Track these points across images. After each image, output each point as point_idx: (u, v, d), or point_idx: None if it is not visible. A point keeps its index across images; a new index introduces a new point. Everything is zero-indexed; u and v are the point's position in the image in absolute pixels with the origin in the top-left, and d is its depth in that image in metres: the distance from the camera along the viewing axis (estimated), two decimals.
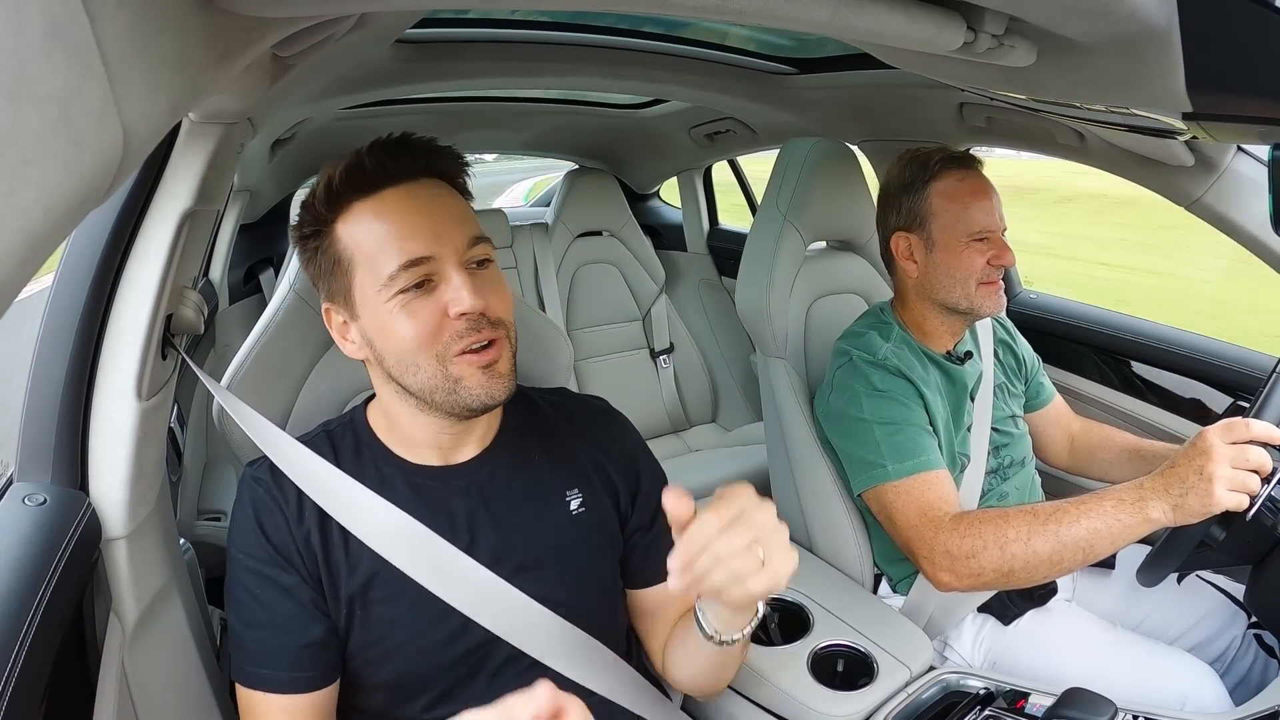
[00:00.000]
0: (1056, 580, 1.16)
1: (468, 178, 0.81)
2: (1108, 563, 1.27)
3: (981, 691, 1.02)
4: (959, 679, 1.06)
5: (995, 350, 1.37)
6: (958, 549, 1.03)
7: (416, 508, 0.78)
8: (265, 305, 0.97)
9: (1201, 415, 1.49)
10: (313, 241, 0.77)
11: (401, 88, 1.43)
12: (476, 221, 0.77)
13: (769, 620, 1.14)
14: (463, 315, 0.72)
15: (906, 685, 1.05)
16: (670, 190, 2.85)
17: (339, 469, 0.79)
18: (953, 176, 1.19)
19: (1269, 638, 1.18)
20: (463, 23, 1.37)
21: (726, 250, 2.65)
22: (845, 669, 1.11)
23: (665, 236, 2.80)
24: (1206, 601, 1.25)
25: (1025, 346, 1.44)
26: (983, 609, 1.24)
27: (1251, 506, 0.89)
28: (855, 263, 1.54)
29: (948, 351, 1.26)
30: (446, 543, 0.78)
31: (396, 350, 0.74)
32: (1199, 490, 0.89)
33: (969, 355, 1.27)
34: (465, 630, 0.78)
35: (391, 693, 0.79)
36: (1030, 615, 1.21)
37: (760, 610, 0.75)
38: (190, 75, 0.42)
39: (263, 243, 2.36)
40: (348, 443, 0.83)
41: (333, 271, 0.76)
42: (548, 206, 2.69)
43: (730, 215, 2.76)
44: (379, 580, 0.77)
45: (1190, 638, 1.23)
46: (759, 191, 1.81)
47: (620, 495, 0.90)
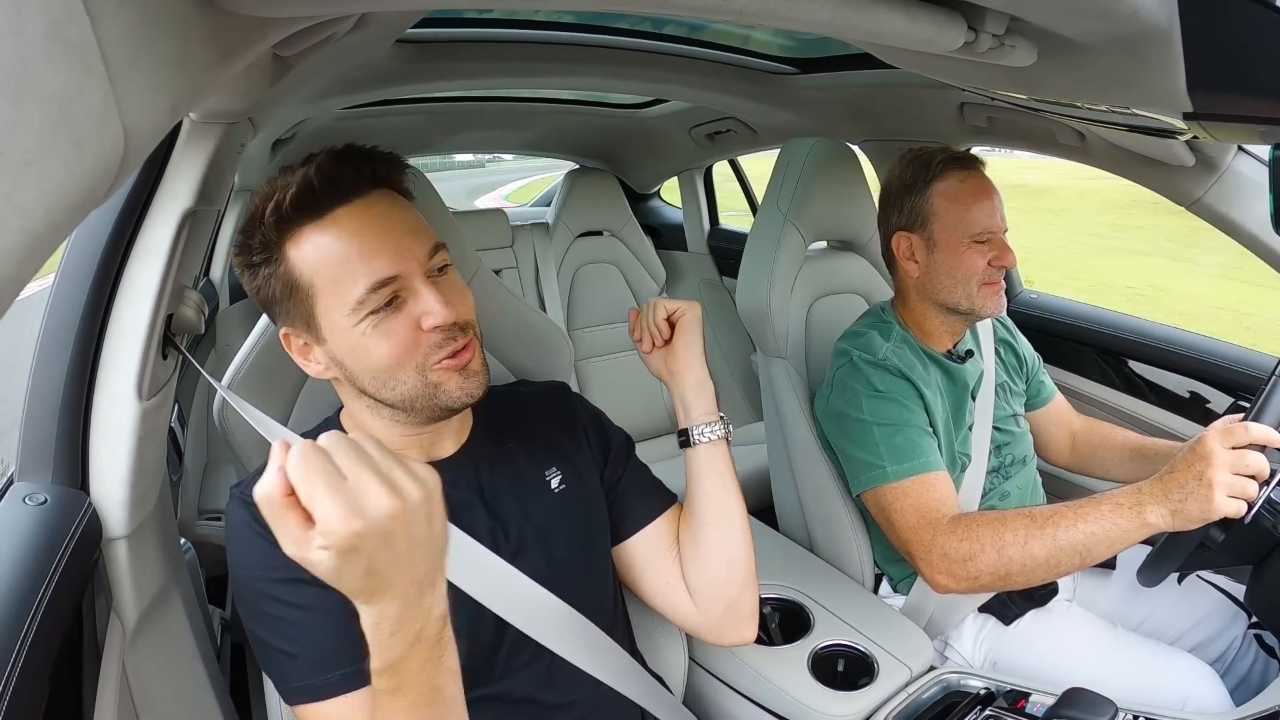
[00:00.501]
0: (1057, 580, 1.16)
1: (412, 179, 0.81)
2: (1108, 563, 1.27)
3: (982, 691, 1.02)
4: (959, 679, 1.06)
5: (996, 349, 1.37)
6: (955, 551, 1.03)
7: None
8: None
9: (1201, 415, 1.49)
10: (263, 268, 0.74)
11: (402, 88, 1.43)
12: (430, 229, 0.77)
13: (769, 620, 1.14)
14: (436, 328, 0.72)
15: (907, 685, 1.05)
16: (671, 190, 2.85)
17: None
18: (955, 177, 1.19)
19: (1269, 638, 1.18)
20: (463, 23, 1.37)
21: (727, 250, 2.65)
22: (846, 669, 1.11)
23: (666, 236, 2.80)
24: (1207, 602, 1.25)
25: (1026, 345, 1.44)
26: (983, 609, 1.24)
27: (1250, 510, 0.89)
28: (856, 262, 1.53)
29: (948, 351, 1.26)
30: (455, 528, 0.78)
31: (373, 369, 0.74)
32: (1198, 496, 0.89)
33: (969, 354, 1.27)
34: (479, 617, 0.78)
35: None
36: (1031, 615, 1.21)
37: (722, 416, 0.89)
38: (191, 75, 0.42)
39: None
40: None
41: (290, 297, 0.73)
42: (548, 206, 2.69)
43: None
44: None
45: (1191, 638, 1.23)
46: (759, 190, 1.81)
47: (595, 456, 0.94)
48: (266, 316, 0.80)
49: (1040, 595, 1.20)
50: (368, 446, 0.52)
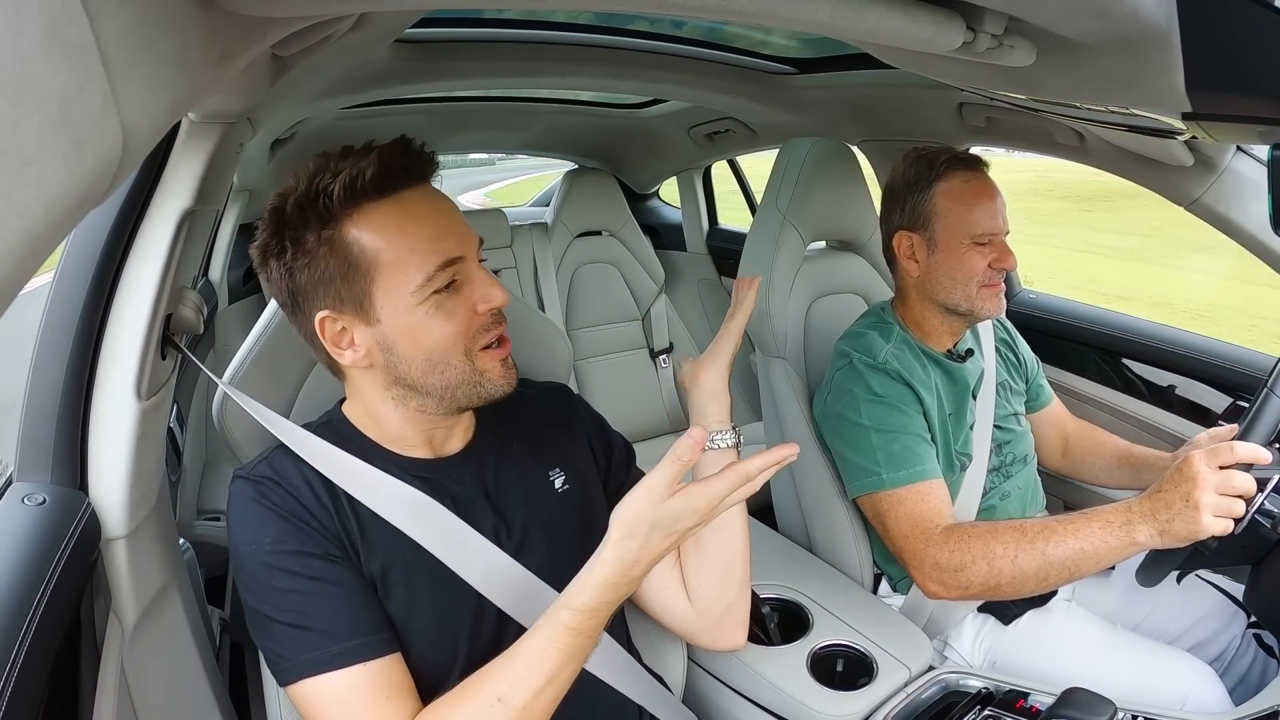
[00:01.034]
0: None
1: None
2: None
3: (981, 691, 1.02)
4: (958, 679, 1.06)
5: (997, 347, 1.37)
6: (946, 562, 1.05)
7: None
8: (265, 305, 0.97)
9: (1201, 415, 1.49)
10: (317, 245, 0.72)
11: (401, 88, 1.43)
12: None
13: (769, 620, 1.14)
14: (489, 310, 0.76)
15: (906, 685, 1.06)
16: (670, 190, 2.85)
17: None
18: (958, 178, 1.18)
19: (1268, 637, 1.18)
20: (462, 22, 1.37)
21: (726, 250, 2.65)
22: (845, 669, 1.11)
23: (665, 236, 2.80)
24: (1206, 601, 1.25)
25: (1025, 348, 1.44)
26: (983, 609, 1.24)
27: (1238, 524, 0.90)
28: (855, 262, 1.54)
29: (948, 350, 1.26)
30: (460, 520, 0.78)
31: (428, 351, 0.74)
32: (1185, 517, 0.90)
33: (970, 353, 1.27)
34: (482, 610, 0.78)
35: (413, 680, 0.78)
36: (1030, 615, 1.21)
37: (735, 427, 0.90)
38: (190, 75, 0.42)
39: None
40: (333, 442, 0.82)
41: (344, 276, 0.72)
42: (547, 206, 2.69)
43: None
44: (396, 564, 0.77)
45: (1190, 637, 1.23)
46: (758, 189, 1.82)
47: (597, 458, 0.95)
48: (285, 308, 0.78)
49: (1040, 595, 1.20)
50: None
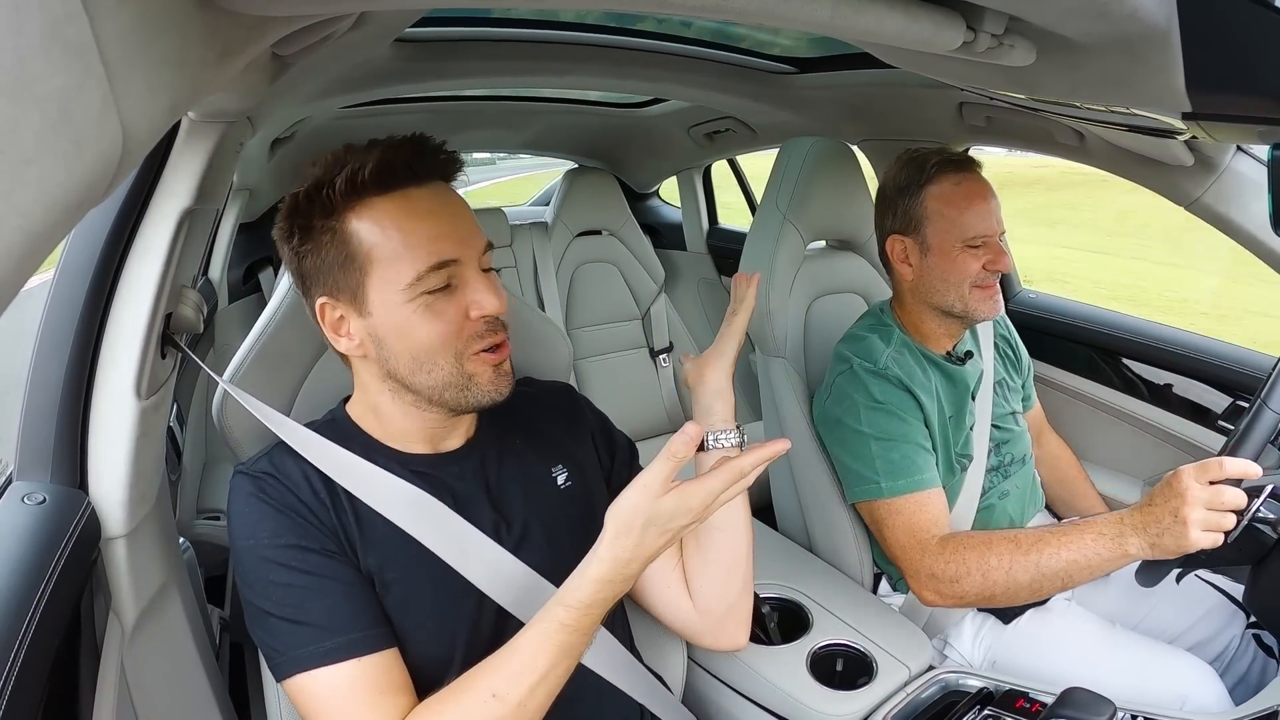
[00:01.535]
0: None
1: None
2: None
3: (980, 691, 1.02)
4: (958, 678, 1.06)
5: (996, 343, 1.37)
6: (942, 573, 1.07)
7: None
8: (264, 304, 0.97)
9: (1201, 415, 1.49)
10: (321, 234, 0.74)
11: (401, 87, 1.43)
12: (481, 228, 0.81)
13: (769, 620, 1.14)
14: (483, 317, 0.75)
15: (905, 684, 1.06)
16: (670, 190, 2.85)
17: None
18: (948, 180, 1.18)
19: (1268, 637, 1.18)
20: (462, 22, 1.37)
21: (726, 250, 2.65)
22: (844, 668, 1.11)
23: (665, 236, 2.80)
24: (1206, 601, 1.25)
25: (1022, 347, 1.44)
26: (983, 608, 1.24)
27: (1228, 537, 0.92)
28: (855, 262, 1.53)
29: (947, 353, 1.26)
30: (459, 517, 0.78)
31: (414, 349, 0.75)
32: (1173, 532, 0.92)
33: (969, 355, 1.27)
34: (481, 608, 0.78)
35: (411, 677, 0.79)
36: (1030, 614, 1.21)
37: (738, 426, 0.89)
38: (190, 74, 0.42)
39: (262, 241, 2.36)
40: (336, 439, 0.83)
41: (342, 265, 0.74)
42: (547, 205, 2.69)
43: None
44: (394, 561, 0.77)
45: (1189, 637, 1.23)
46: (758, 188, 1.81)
47: (601, 458, 0.95)
48: (297, 287, 0.80)
49: (1035, 601, 1.21)
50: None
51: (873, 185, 1.50)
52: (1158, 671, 1.10)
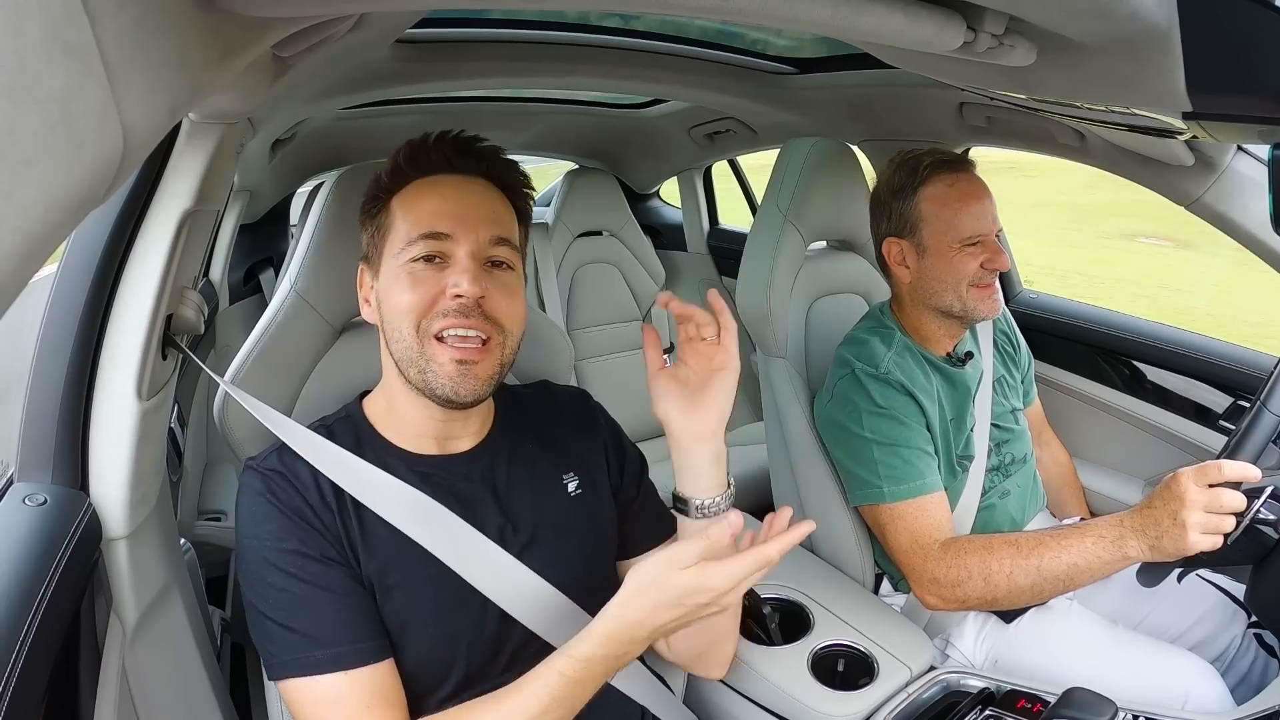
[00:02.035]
0: None
1: (530, 199, 0.86)
2: None
3: (982, 691, 1.02)
4: (959, 679, 1.06)
5: (995, 340, 1.37)
6: (944, 577, 1.07)
7: (423, 493, 0.79)
8: (265, 305, 0.97)
9: (1202, 415, 1.49)
10: (374, 209, 0.82)
11: (401, 88, 1.43)
12: (510, 228, 0.81)
13: (769, 620, 1.14)
14: (458, 298, 0.75)
15: (907, 685, 1.05)
16: (670, 190, 2.85)
17: None
18: (942, 181, 1.18)
19: (1269, 637, 1.18)
20: (463, 23, 1.37)
21: (727, 250, 2.65)
22: (846, 669, 1.11)
23: (665, 236, 2.79)
24: (1207, 601, 1.25)
25: (1022, 341, 1.44)
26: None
27: (1228, 539, 0.92)
28: (856, 262, 1.53)
29: (948, 354, 1.26)
30: (463, 521, 0.78)
31: (390, 312, 0.78)
32: (1172, 535, 0.92)
33: (969, 356, 1.27)
34: (484, 612, 0.78)
35: (411, 682, 0.78)
36: (1032, 614, 1.21)
37: (730, 486, 0.81)
38: (190, 75, 0.42)
39: (263, 243, 2.36)
40: (347, 438, 0.83)
41: (376, 234, 0.81)
42: (547, 206, 2.69)
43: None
44: (396, 565, 0.77)
45: (1191, 637, 1.23)
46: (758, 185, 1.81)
47: (610, 470, 0.95)
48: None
49: (1036, 603, 1.21)
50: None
51: (873, 185, 1.50)
52: (1159, 671, 1.10)
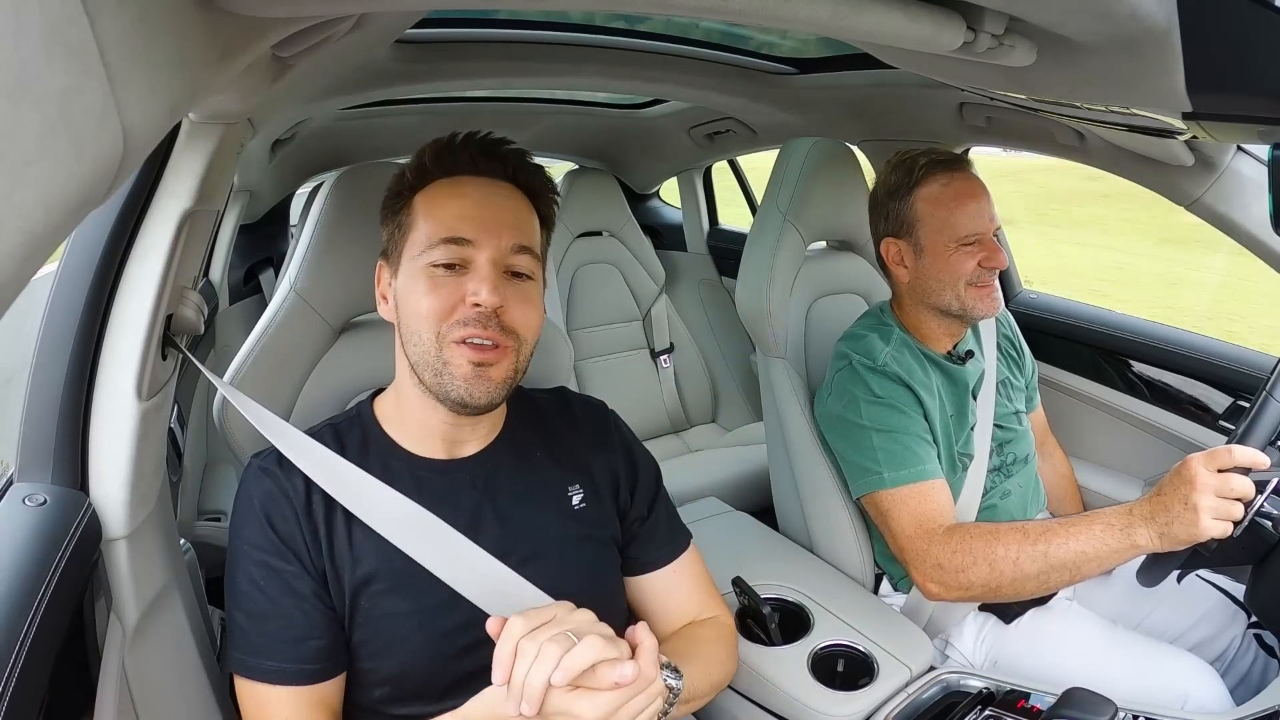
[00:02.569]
0: None
1: (555, 204, 0.86)
2: None
3: (982, 691, 1.02)
4: (959, 679, 1.06)
5: (999, 343, 1.37)
6: (948, 562, 1.05)
7: (422, 500, 0.79)
8: (265, 305, 0.97)
9: (1202, 415, 1.49)
10: (396, 206, 0.82)
11: (401, 88, 1.43)
12: (532, 235, 0.81)
13: (769, 620, 1.14)
14: (476, 306, 0.75)
15: (907, 685, 1.05)
16: (670, 190, 2.85)
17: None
18: (938, 181, 1.18)
19: (1269, 637, 1.18)
20: (463, 23, 1.37)
21: (726, 250, 2.65)
22: (846, 669, 1.11)
23: (665, 236, 2.80)
24: (1207, 601, 1.25)
25: (1026, 347, 1.44)
26: (984, 608, 1.24)
27: (1238, 527, 0.91)
28: (855, 262, 1.53)
29: (948, 352, 1.26)
30: (456, 531, 0.78)
31: (409, 314, 0.78)
32: (1184, 520, 0.91)
33: (969, 354, 1.27)
34: (471, 622, 0.78)
35: (396, 688, 0.79)
36: (1031, 614, 1.21)
37: (674, 686, 0.74)
38: (190, 75, 0.42)
39: (263, 243, 2.36)
40: (354, 437, 0.84)
41: (397, 231, 0.81)
42: None
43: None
44: (383, 573, 0.77)
45: (1190, 637, 1.23)
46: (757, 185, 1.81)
47: (620, 489, 0.93)
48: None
49: (1041, 595, 1.21)
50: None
51: (872, 186, 1.50)
52: (1159, 671, 1.10)
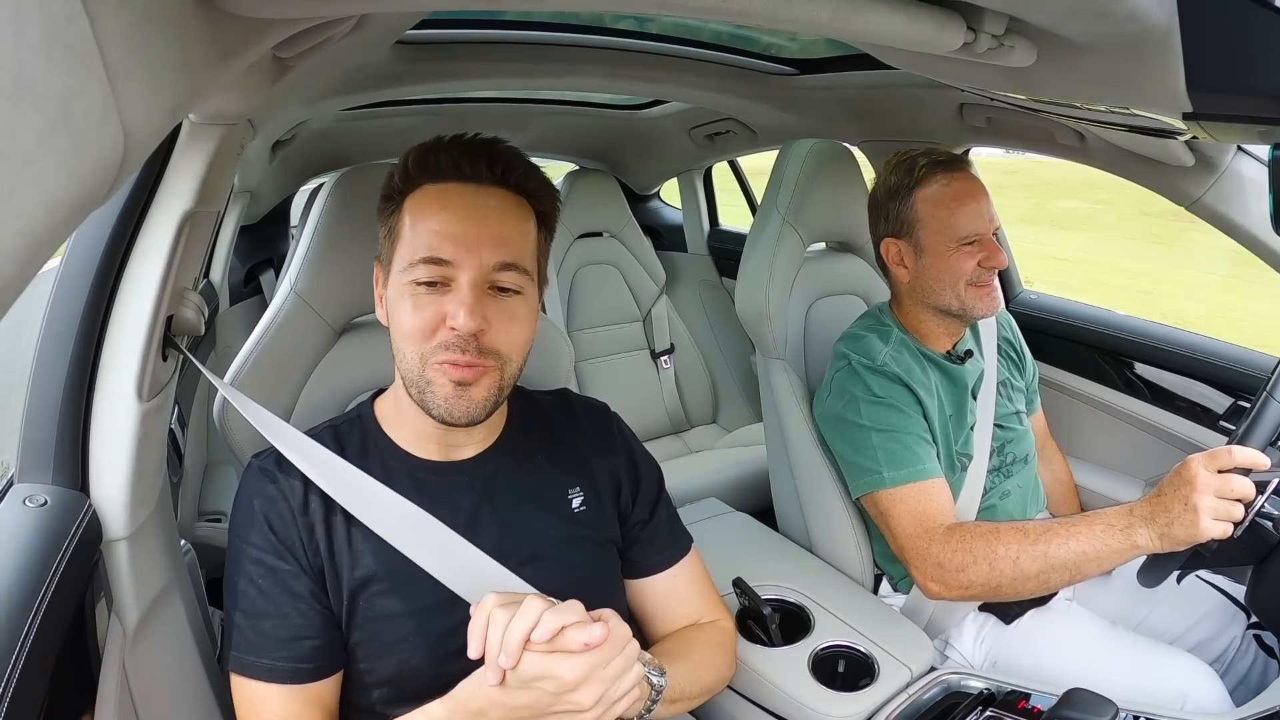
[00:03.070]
0: None
1: (556, 203, 0.84)
2: None
3: (982, 692, 1.02)
4: (960, 679, 1.06)
5: (999, 344, 1.37)
6: (948, 561, 1.05)
7: (421, 501, 0.79)
8: (266, 306, 0.97)
9: (1202, 415, 1.49)
10: (387, 210, 0.81)
11: (402, 89, 1.43)
12: (521, 249, 0.78)
13: (769, 621, 1.14)
14: (453, 329, 0.74)
15: (907, 686, 1.05)
16: (670, 191, 2.85)
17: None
18: (938, 182, 1.18)
19: (1268, 638, 1.18)
20: (463, 23, 1.37)
21: (727, 251, 2.65)
22: (846, 669, 1.11)
23: (665, 237, 2.80)
24: (1206, 602, 1.25)
25: (1026, 349, 1.44)
26: (984, 608, 1.24)
27: (1238, 528, 0.91)
28: (854, 264, 1.54)
29: (947, 352, 1.26)
30: (454, 533, 0.78)
31: (395, 330, 0.78)
32: (1184, 520, 0.91)
33: (969, 354, 1.27)
34: (468, 623, 0.78)
35: (394, 689, 0.79)
36: (1031, 615, 1.21)
37: (656, 683, 0.75)
38: (190, 76, 0.42)
39: (263, 244, 2.36)
40: (354, 438, 0.84)
41: (388, 236, 0.80)
42: None
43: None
44: (382, 574, 0.77)
45: (1190, 638, 1.23)
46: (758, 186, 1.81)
47: (622, 492, 0.92)
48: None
49: (1040, 595, 1.20)
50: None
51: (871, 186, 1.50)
52: (1158, 672, 1.10)
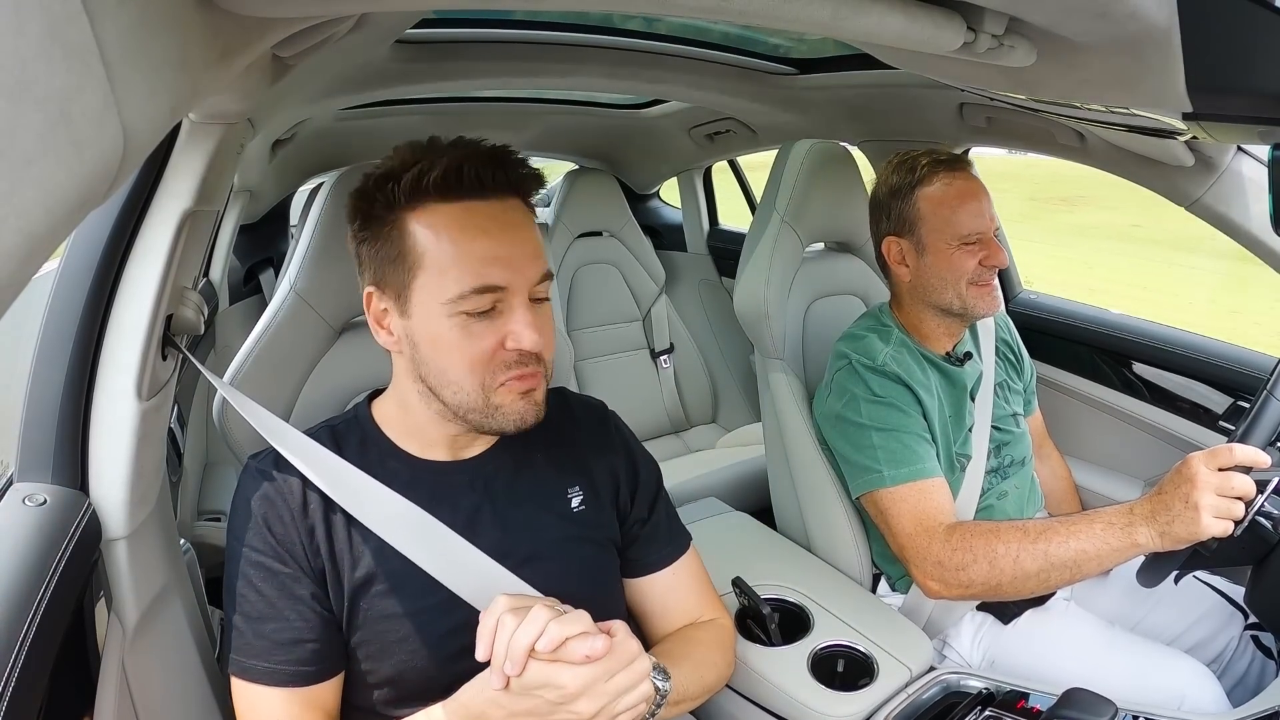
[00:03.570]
0: None
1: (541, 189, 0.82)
2: None
3: (981, 692, 1.02)
4: (959, 679, 1.06)
5: (997, 346, 1.37)
6: (949, 560, 1.05)
7: (421, 501, 0.79)
8: (265, 305, 0.97)
9: (1202, 415, 1.49)
10: (378, 225, 0.74)
11: (402, 88, 1.43)
12: (545, 254, 0.77)
13: (769, 621, 1.14)
14: (518, 350, 0.73)
15: (907, 685, 1.05)
16: (670, 190, 2.85)
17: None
18: (939, 181, 1.19)
19: (1266, 638, 1.18)
20: (463, 23, 1.37)
21: (726, 250, 2.65)
22: (845, 669, 1.11)
23: (665, 237, 2.80)
24: (1204, 602, 1.25)
25: (1024, 351, 1.44)
26: (982, 608, 1.24)
27: (1238, 527, 0.91)
28: (853, 264, 1.54)
29: (947, 353, 1.26)
30: (454, 533, 0.78)
31: (442, 364, 0.74)
32: (1185, 519, 0.91)
33: (968, 356, 1.27)
34: (469, 624, 0.78)
35: (394, 689, 0.79)
36: (1029, 615, 1.21)
37: (661, 688, 0.75)
38: (190, 75, 0.42)
39: (263, 243, 2.36)
40: (352, 439, 0.83)
41: (394, 261, 0.74)
42: (547, 207, 2.69)
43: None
44: (382, 574, 0.77)
45: (1188, 638, 1.23)
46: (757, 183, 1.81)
47: (620, 490, 0.92)
48: (355, 264, 0.79)
49: (1039, 595, 1.21)
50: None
51: (872, 186, 1.50)
52: (1156, 672, 1.10)
